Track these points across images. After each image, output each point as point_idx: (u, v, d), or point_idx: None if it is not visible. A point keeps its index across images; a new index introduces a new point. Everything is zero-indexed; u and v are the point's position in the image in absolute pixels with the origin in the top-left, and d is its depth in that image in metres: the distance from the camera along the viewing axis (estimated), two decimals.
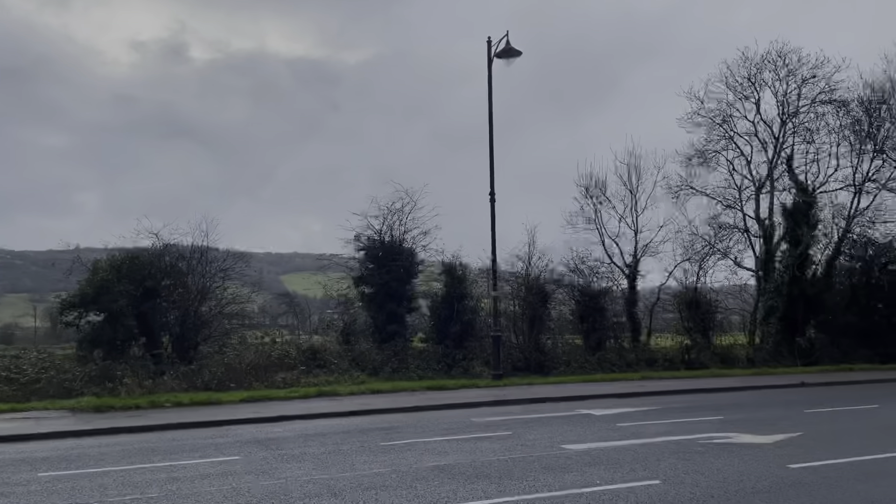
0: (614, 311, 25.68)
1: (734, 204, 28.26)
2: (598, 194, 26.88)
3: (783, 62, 27.05)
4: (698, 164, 28.56)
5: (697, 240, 27.41)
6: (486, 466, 8.71)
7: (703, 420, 12.41)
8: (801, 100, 27.23)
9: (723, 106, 28.10)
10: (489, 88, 19.45)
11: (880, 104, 27.63)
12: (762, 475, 8.08)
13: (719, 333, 26.65)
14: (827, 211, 27.52)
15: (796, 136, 27.61)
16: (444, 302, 21.50)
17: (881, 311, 26.31)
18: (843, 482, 7.69)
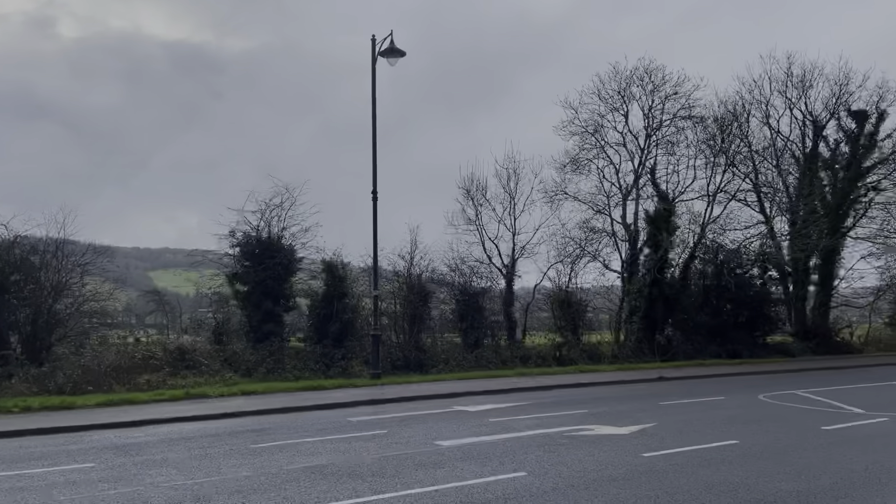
0: (492, 310, 26.44)
1: (604, 209, 29.94)
2: (479, 196, 27.60)
3: (650, 78, 28.99)
4: (572, 170, 30.02)
5: (570, 242, 28.81)
6: (359, 465, 8.69)
7: (569, 414, 13.05)
8: (664, 114, 29.30)
9: (595, 117, 29.72)
10: (373, 87, 19.41)
11: (732, 122, 30.32)
12: (619, 464, 8.64)
13: (588, 331, 28.11)
14: (684, 218, 29.80)
15: (659, 148, 29.67)
16: (324, 301, 21.18)
17: (729, 311, 28.86)
18: (688, 468, 8.38)
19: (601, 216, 29.91)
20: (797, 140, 34.38)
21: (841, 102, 33.74)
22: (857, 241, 36.15)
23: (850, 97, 33.70)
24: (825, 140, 34.99)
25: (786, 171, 33.58)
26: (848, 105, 34.08)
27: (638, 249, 29.05)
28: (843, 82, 33.25)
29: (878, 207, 36.73)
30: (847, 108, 34.23)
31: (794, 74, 33.48)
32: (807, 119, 33.98)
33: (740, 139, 30.61)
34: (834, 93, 33.40)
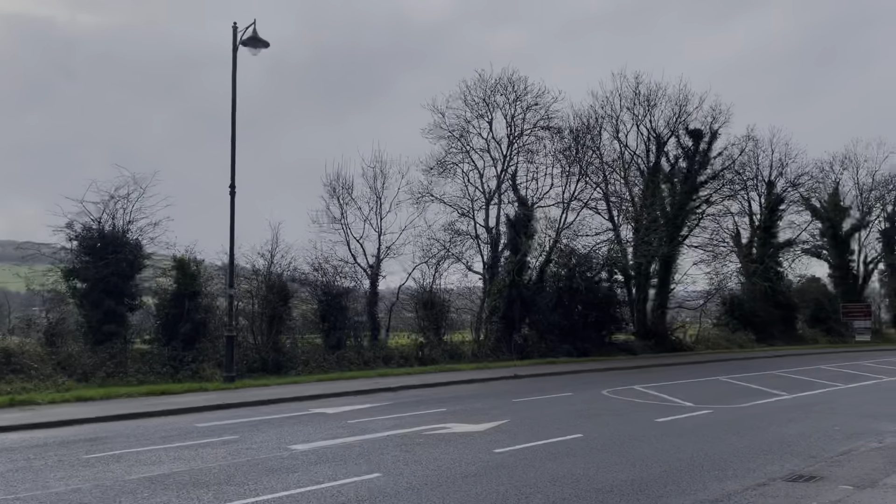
0: (356, 311, 26.20)
1: (468, 212, 30.70)
2: (345, 195, 27.31)
3: (513, 88, 30.12)
4: (439, 173, 30.54)
5: (435, 244, 29.28)
6: (205, 473, 8.25)
7: (427, 413, 13.21)
8: (525, 123, 30.57)
9: (461, 122, 30.43)
10: (233, 76, 18.58)
11: (585, 134, 32.21)
12: (472, 461, 8.85)
13: (451, 331, 28.67)
14: (542, 223, 31.23)
15: (520, 156, 30.91)
16: (174, 300, 19.95)
17: (580, 311, 30.59)
18: (536, 462, 8.75)
19: (465, 219, 30.67)
20: (642, 154, 37.20)
21: (680, 121, 36.98)
22: (691, 248, 39.85)
23: (688, 117, 37.03)
24: (666, 155, 38.15)
25: (632, 183, 36.18)
26: (686, 124, 37.42)
27: (499, 252, 30.08)
28: (682, 103, 36.46)
29: (709, 219, 40.69)
30: (685, 126, 37.58)
31: (641, 93, 36.22)
32: (651, 135, 36.87)
33: (593, 151, 32.57)
34: (675, 112, 36.53)
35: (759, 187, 47.40)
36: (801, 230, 51.48)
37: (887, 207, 57.69)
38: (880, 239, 58.38)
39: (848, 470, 8.22)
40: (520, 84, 30.03)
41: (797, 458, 8.97)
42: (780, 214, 48.20)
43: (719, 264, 44.23)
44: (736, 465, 8.52)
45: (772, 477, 7.90)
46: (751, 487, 7.43)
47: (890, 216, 58.02)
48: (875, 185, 56.29)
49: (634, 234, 34.83)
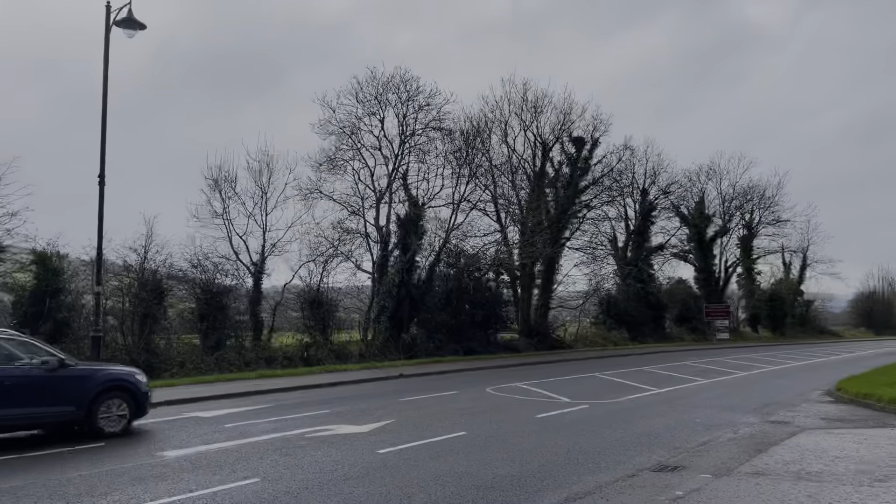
0: (238, 310, 25.26)
1: (358, 211, 30.42)
2: (228, 189, 26.24)
3: (405, 88, 30.17)
4: (328, 170, 30.05)
5: (323, 242, 28.76)
6: (64, 484, 7.61)
7: (310, 415, 12.91)
8: (417, 124, 30.75)
9: (353, 119, 30.11)
10: (105, 58, 17.28)
11: (476, 137, 32.81)
12: (355, 462, 8.73)
13: (338, 331, 28.27)
14: (432, 223, 31.51)
15: (412, 155, 31.05)
16: (34, 296, 18.40)
17: (467, 311, 31.12)
18: (420, 461, 8.76)
19: (355, 217, 30.39)
20: (529, 159, 38.41)
21: (564, 129, 38.52)
22: (572, 250, 41.64)
23: (571, 125, 38.64)
24: (551, 161, 39.61)
25: (519, 186, 37.27)
26: (570, 132, 39.03)
27: (389, 251, 30.01)
28: (567, 111, 38.00)
29: (589, 223, 42.73)
30: (569, 134, 39.19)
31: (529, 100, 37.38)
32: (537, 141, 38.14)
33: (483, 154, 33.26)
34: (559, 120, 38.00)
35: (635, 194, 50.29)
36: (671, 235, 55.25)
37: (745, 216, 63.04)
38: (739, 245, 63.72)
39: (707, 459, 8.83)
40: (412, 84, 30.16)
41: (663, 449, 9.54)
42: (653, 220, 51.43)
43: (598, 266, 46.53)
44: (608, 458, 8.93)
45: (640, 468, 8.34)
46: (621, 479, 7.81)
47: (747, 224, 63.41)
48: (735, 195, 61.37)
49: (521, 236, 35.91)
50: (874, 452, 8.99)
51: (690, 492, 7.12)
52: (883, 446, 9.44)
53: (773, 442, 9.95)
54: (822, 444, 9.74)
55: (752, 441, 10.10)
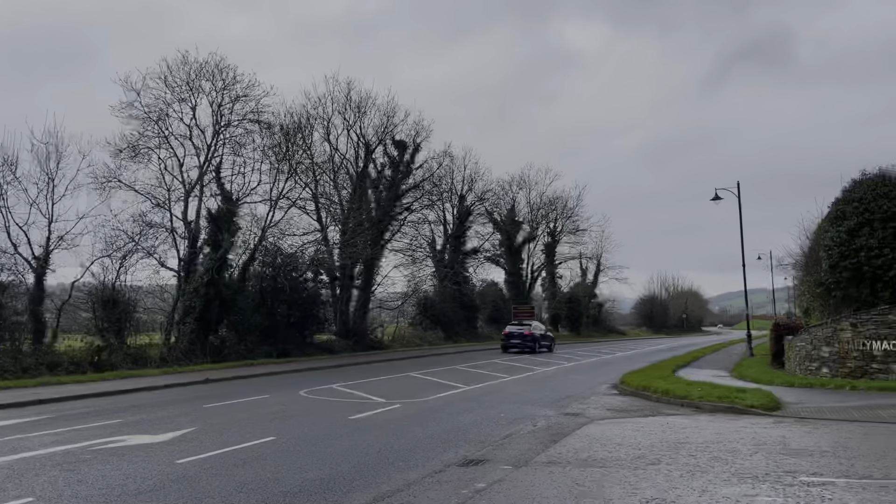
0: (15, 309, 22.33)
1: (164, 203, 28.22)
2: (7, 173, 23.09)
3: (220, 75, 28.58)
4: (130, 157, 27.57)
5: (122, 236, 26.33)
6: None
7: (99, 425, 11.72)
8: (234, 114, 29.25)
9: (160, 104, 27.91)
10: None
11: (297, 132, 32.01)
12: (149, 475, 8.05)
13: (136, 333, 26.00)
14: (247, 220, 30.18)
15: (227, 148, 29.48)
16: None
17: (283, 312, 30.24)
18: (223, 470, 8.29)
19: (160, 210, 28.18)
20: (352, 159, 38.32)
21: (388, 131, 38.96)
22: (393, 252, 42.21)
23: (395, 128, 39.19)
24: (374, 162, 39.85)
25: (341, 185, 37.02)
26: (393, 135, 39.56)
27: (198, 248, 28.21)
28: (390, 114, 38.46)
29: (410, 225, 43.63)
30: (392, 137, 39.71)
31: (353, 100, 37.30)
32: (360, 141, 38.17)
33: (303, 150, 32.53)
34: (383, 122, 38.37)
35: (453, 199, 52.28)
36: (485, 240, 58.25)
37: (550, 224, 68.17)
38: (544, 250, 68.77)
39: (509, 452, 9.35)
40: (228, 72, 28.69)
41: (469, 444, 9.94)
42: (469, 225, 53.85)
43: (417, 268, 47.71)
44: (418, 455, 9.12)
45: (448, 463, 8.61)
46: (429, 475, 8.00)
47: (552, 231, 68.62)
48: (542, 204, 66.18)
49: (341, 236, 35.65)
50: (649, 439, 10.10)
51: (492, 483, 7.48)
52: (656, 433, 10.64)
53: (566, 433, 10.80)
54: (607, 433, 10.75)
55: (549, 433, 10.89)
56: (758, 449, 9.04)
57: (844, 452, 8.71)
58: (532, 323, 39.76)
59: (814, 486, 6.89)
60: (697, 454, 8.77)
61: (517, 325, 37.80)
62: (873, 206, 22.99)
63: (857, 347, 16.80)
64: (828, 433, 10.29)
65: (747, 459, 8.36)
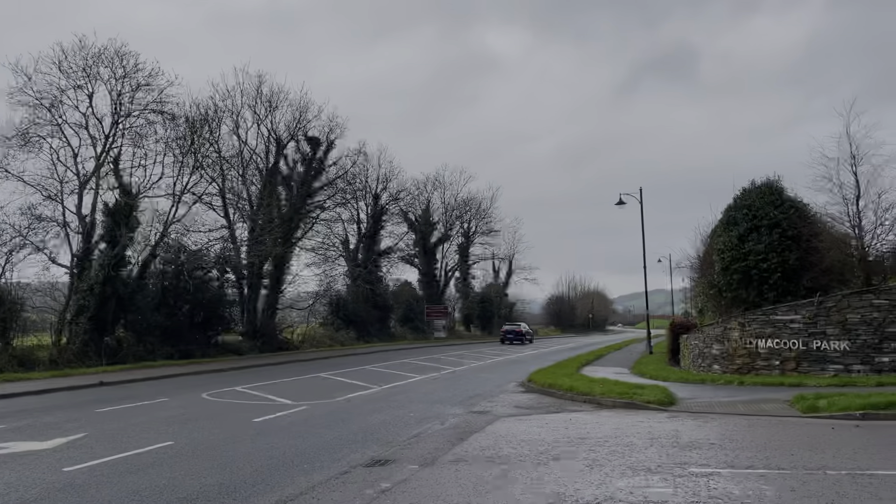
0: None
1: (56, 196, 26.45)
2: None
3: (121, 62, 27.10)
4: (19, 146, 25.69)
5: (8, 229, 24.55)
6: None
7: None
8: (135, 104, 27.78)
9: (54, 90, 26.16)
10: None
11: (203, 125, 30.82)
12: (33, 483, 7.53)
13: (23, 334, 24.25)
14: (148, 215, 28.78)
15: (126, 139, 27.97)
16: None
17: (186, 311, 29.05)
18: (115, 477, 7.86)
19: (52, 203, 26.39)
20: (262, 154, 37.30)
21: (300, 127, 38.20)
22: (304, 251, 41.42)
23: (308, 124, 38.47)
24: (285, 158, 38.97)
25: (250, 181, 35.96)
26: (306, 131, 38.82)
27: (93, 244, 26.64)
28: (303, 110, 37.72)
29: (322, 223, 42.94)
30: (305, 133, 38.96)
31: (264, 93, 36.33)
32: (272, 136, 37.23)
33: (210, 143, 31.37)
34: (295, 117, 37.58)
35: (367, 198, 51.91)
36: (399, 240, 58.22)
37: (464, 225, 68.96)
38: (458, 251, 69.48)
39: (416, 451, 9.37)
40: (130, 59, 27.23)
41: (377, 444, 9.89)
42: (383, 224, 53.63)
43: (329, 267, 47.04)
44: (324, 457, 8.98)
45: (354, 464, 8.53)
46: (334, 477, 7.89)
47: (466, 232, 69.43)
48: (457, 205, 66.84)
49: (250, 234, 34.63)
50: (553, 435, 10.38)
51: (397, 483, 7.46)
52: (560, 429, 10.96)
53: (474, 430, 10.95)
54: (513, 430, 10.97)
55: (456, 431, 10.99)
56: (652, 443, 9.47)
57: (730, 444, 9.27)
58: (521, 324, 58.50)
59: (701, 477, 7.29)
60: (597, 449, 9.09)
61: (511, 325, 55.33)
62: (761, 214, 24.64)
63: (745, 345, 17.95)
64: (716, 426, 10.92)
65: (642, 453, 8.75)
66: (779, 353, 17.28)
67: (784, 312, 17.51)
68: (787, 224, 24.15)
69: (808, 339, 16.89)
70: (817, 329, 16.81)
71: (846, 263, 23.40)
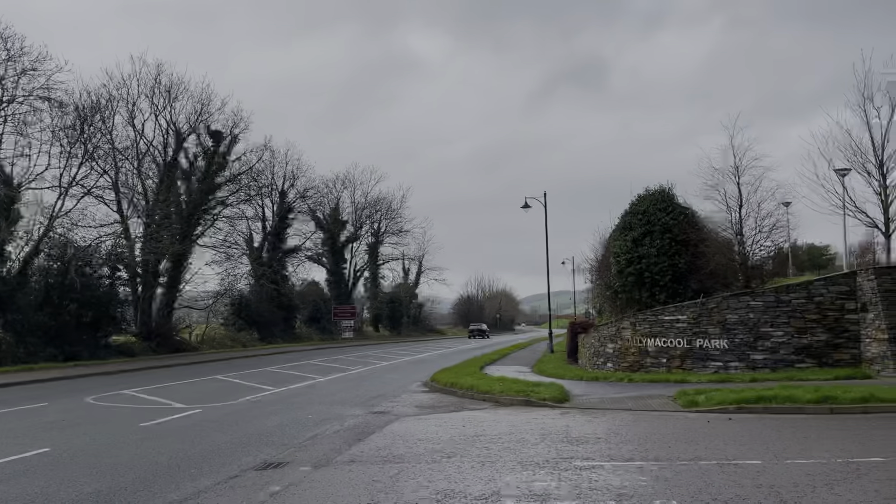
0: None
1: None
2: None
3: (5, 45, 25.21)
4: None
5: None
6: None
7: None
8: (19, 89, 25.93)
9: None
10: None
11: (95, 114, 29.13)
12: None
13: None
14: (31, 208, 26.93)
15: (9, 125, 26.04)
16: None
17: (73, 311, 27.30)
18: None
19: None
20: (160, 146, 35.67)
21: (202, 120, 36.83)
22: (204, 248, 39.90)
23: (210, 117, 37.15)
24: (186, 152, 37.48)
25: (146, 175, 34.31)
26: (208, 124, 37.47)
27: None
28: (205, 102, 36.37)
29: (225, 220, 41.52)
30: (207, 126, 37.60)
31: (163, 83, 34.76)
32: (171, 128, 35.67)
33: (102, 134, 29.71)
34: (197, 110, 36.19)
35: (273, 195, 50.69)
36: (307, 238, 57.20)
37: (374, 224, 68.67)
38: (368, 251, 69.07)
39: (311, 453, 9.26)
40: (14, 42, 25.38)
41: (272, 447, 9.70)
42: (290, 222, 52.51)
43: (232, 265, 45.57)
44: (214, 462, 8.72)
45: (245, 468, 8.33)
46: (223, 481, 7.68)
47: (376, 232, 69.11)
48: (367, 204, 66.46)
49: (145, 229, 33.05)
50: (449, 433, 10.54)
51: (288, 486, 7.36)
52: (457, 427, 11.14)
53: (372, 431, 10.94)
54: (410, 430, 11.05)
55: (354, 432, 10.95)
56: (543, 438, 9.81)
57: (615, 438, 9.74)
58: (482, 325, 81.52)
59: (584, 470, 7.62)
60: (490, 445, 9.31)
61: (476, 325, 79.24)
62: (654, 219, 26.00)
63: (636, 344, 18.87)
64: (605, 422, 11.44)
65: (533, 448, 9.04)
66: (666, 352, 18.28)
67: (671, 313, 18.54)
68: (678, 230, 25.62)
69: (692, 338, 17.96)
70: (700, 329, 17.91)
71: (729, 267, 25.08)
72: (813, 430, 9.96)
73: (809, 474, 7.11)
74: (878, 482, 6.76)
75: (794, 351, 16.99)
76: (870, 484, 6.67)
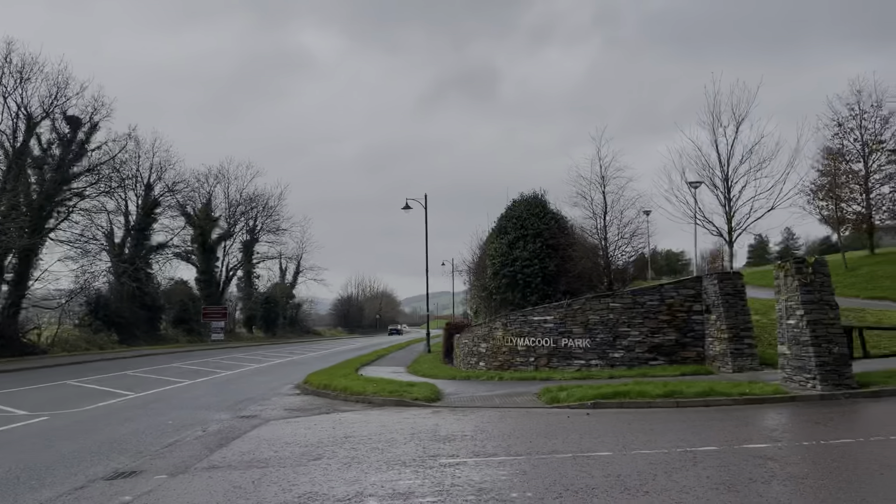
0: None
1: None
2: None
3: None
4: None
5: None
6: None
7: None
8: None
9: None
10: None
11: None
12: None
13: None
14: None
15: None
16: None
17: None
18: None
19: None
20: (8, 130, 32.58)
21: (58, 104, 33.99)
22: (57, 243, 36.74)
23: (67, 101, 34.36)
24: (38, 138, 34.43)
25: None
26: (64, 109, 34.60)
27: None
28: (62, 85, 33.60)
29: (82, 213, 38.44)
30: (63, 111, 34.71)
31: (13, 62, 31.79)
32: (21, 111, 32.69)
33: None
34: (52, 93, 33.37)
35: (138, 188, 47.64)
36: (175, 234, 54.12)
37: (250, 222, 66.32)
38: (242, 249, 66.57)
39: (169, 460, 8.82)
40: None
41: (125, 455, 9.14)
42: (157, 217, 49.51)
43: (89, 262, 42.30)
44: (58, 472, 8.10)
45: (93, 478, 7.80)
46: (67, 493, 7.16)
47: (251, 230, 66.80)
48: (242, 200, 64.07)
49: None
50: (318, 436, 10.41)
51: (141, 495, 6.98)
52: (326, 430, 11.02)
53: (237, 436, 10.59)
54: (278, 433, 10.80)
55: (218, 437, 10.54)
56: (412, 437, 9.93)
57: (481, 435, 10.04)
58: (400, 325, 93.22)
59: (448, 467, 7.81)
60: (359, 446, 9.30)
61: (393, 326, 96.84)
62: (527, 224, 27.08)
63: (507, 344, 19.53)
64: (473, 419, 11.76)
65: (401, 447, 9.13)
66: (534, 351, 19.06)
67: (540, 313, 19.35)
68: (549, 234, 26.88)
69: (559, 337, 18.85)
70: (566, 328, 18.83)
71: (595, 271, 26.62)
72: (659, 423, 10.78)
73: (652, 463, 7.70)
74: (710, 469, 7.44)
75: (648, 349, 18.27)
76: (703, 471, 7.33)
